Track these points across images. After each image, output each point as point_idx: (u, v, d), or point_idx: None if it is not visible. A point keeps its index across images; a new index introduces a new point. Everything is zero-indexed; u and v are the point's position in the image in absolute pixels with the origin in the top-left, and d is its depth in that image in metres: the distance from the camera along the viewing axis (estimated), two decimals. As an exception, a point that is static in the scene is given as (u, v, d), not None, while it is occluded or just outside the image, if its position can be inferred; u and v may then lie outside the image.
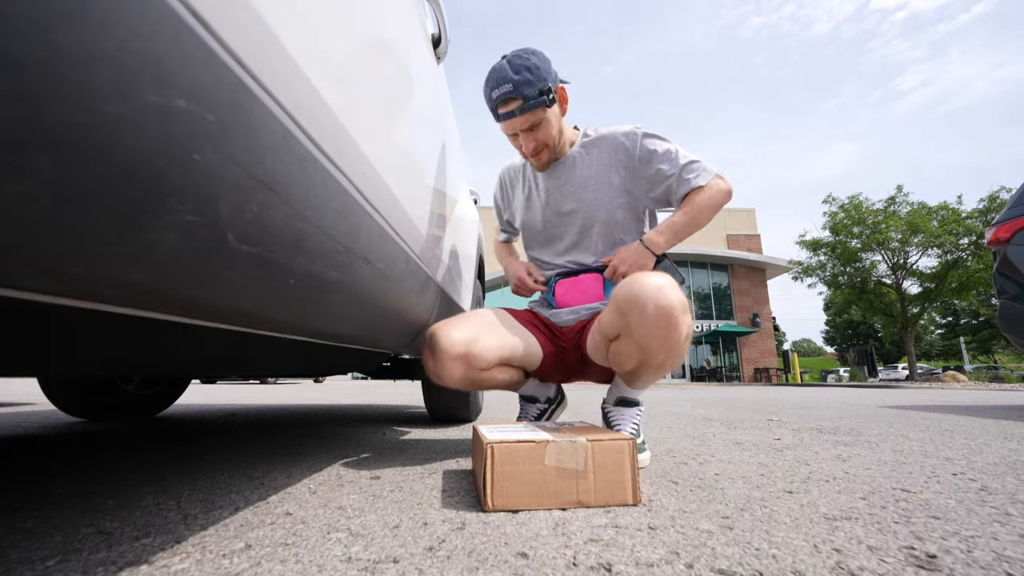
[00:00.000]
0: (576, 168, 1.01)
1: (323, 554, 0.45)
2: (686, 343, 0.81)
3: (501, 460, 0.60)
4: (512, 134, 0.95)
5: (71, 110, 0.20)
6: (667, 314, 0.75)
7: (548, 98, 0.88)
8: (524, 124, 0.91)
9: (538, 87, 0.87)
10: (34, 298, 0.28)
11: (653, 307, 0.75)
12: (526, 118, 0.89)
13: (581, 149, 1.02)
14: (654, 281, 0.77)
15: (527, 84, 0.86)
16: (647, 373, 0.86)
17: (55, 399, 1.56)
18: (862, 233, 14.16)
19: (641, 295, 0.76)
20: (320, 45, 0.38)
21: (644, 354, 0.81)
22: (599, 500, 0.62)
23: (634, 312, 0.77)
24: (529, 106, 0.87)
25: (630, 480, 0.63)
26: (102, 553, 0.45)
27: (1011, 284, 2.17)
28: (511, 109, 0.88)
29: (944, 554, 0.46)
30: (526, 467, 0.61)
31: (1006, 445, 1.20)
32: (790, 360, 16.19)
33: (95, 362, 0.55)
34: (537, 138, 0.93)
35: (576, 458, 0.62)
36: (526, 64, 0.86)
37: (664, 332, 0.77)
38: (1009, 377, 12.57)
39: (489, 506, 0.59)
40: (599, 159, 1.00)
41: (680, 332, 0.78)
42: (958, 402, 3.19)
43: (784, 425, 1.66)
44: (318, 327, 0.54)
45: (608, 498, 0.62)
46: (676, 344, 0.79)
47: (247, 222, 0.32)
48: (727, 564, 0.43)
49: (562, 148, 1.01)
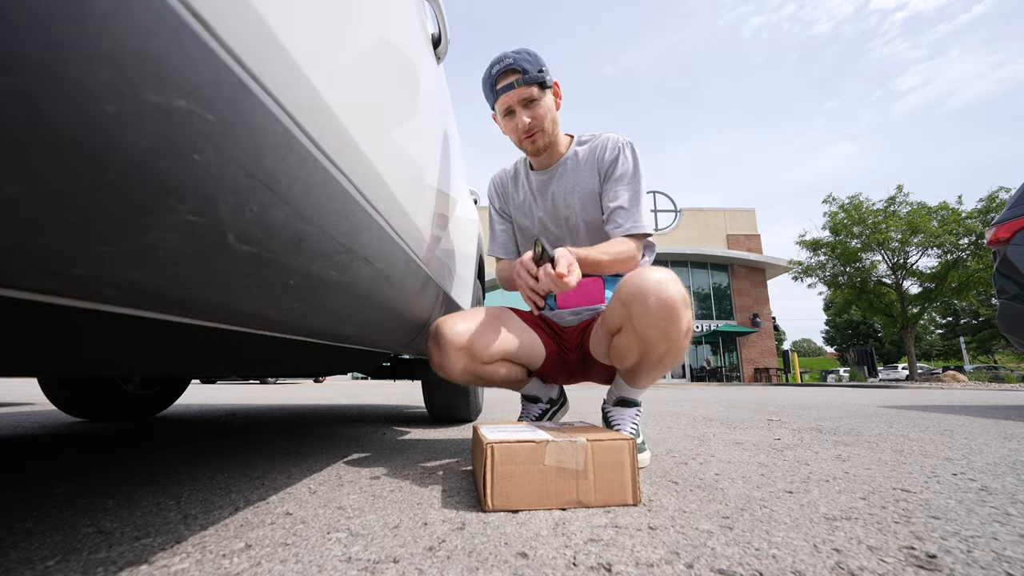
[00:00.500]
0: (567, 174, 1.03)
1: (323, 554, 0.45)
2: (686, 339, 0.83)
3: (501, 460, 0.60)
4: (508, 112, 0.96)
5: (71, 110, 0.20)
6: (668, 306, 0.77)
7: (546, 79, 0.93)
8: (520, 96, 0.93)
9: (536, 66, 0.92)
10: (34, 298, 0.28)
11: (655, 299, 0.77)
12: (523, 90, 0.92)
13: (574, 153, 1.02)
14: (657, 275, 0.80)
15: (526, 60, 0.92)
16: (647, 368, 0.87)
17: (55, 399, 1.56)
18: (862, 233, 14.16)
19: (644, 287, 0.79)
20: (320, 45, 0.38)
21: (645, 347, 0.82)
22: (599, 500, 0.62)
23: (636, 303, 0.79)
24: (528, 79, 0.91)
25: (630, 480, 0.63)
26: (102, 553, 0.45)
27: (1011, 284, 2.17)
28: (510, 81, 0.92)
29: (944, 554, 0.46)
30: (526, 467, 0.60)
31: (1006, 445, 1.20)
32: (790, 360, 16.19)
33: (95, 362, 0.55)
34: (534, 115, 0.94)
35: (576, 458, 0.62)
36: (525, 50, 0.94)
37: (665, 324, 0.78)
38: (1009, 377, 12.57)
39: (489, 506, 0.59)
40: (586, 163, 1.01)
41: (680, 325, 0.79)
42: (958, 402, 3.19)
43: (784, 425, 1.66)
44: (318, 327, 0.54)
45: (608, 498, 0.62)
46: (676, 337, 0.80)
47: (247, 222, 0.32)
48: (727, 564, 0.43)
49: (556, 145, 1.01)
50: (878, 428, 1.57)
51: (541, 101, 0.94)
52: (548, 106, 0.96)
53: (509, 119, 0.97)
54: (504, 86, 0.93)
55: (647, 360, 0.85)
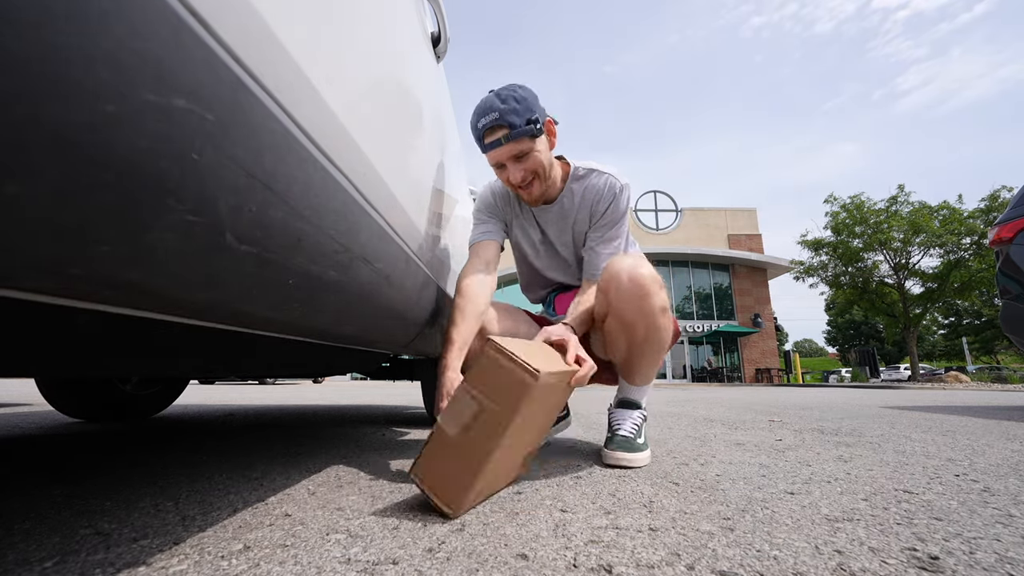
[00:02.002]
0: (563, 214, 1.02)
1: (322, 555, 0.45)
2: (664, 317, 0.87)
3: (431, 477, 0.58)
4: (498, 165, 0.92)
5: (71, 110, 0.20)
6: (639, 283, 0.84)
7: (535, 128, 0.86)
8: (510, 153, 0.88)
9: (525, 116, 0.85)
10: (34, 298, 0.28)
11: (627, 277, 0.84)
12: (512, 147, 0.87)
13: (570, 192, 1.00)
14: (628, 259, 0.87)
15: (513, 112, 0.85)
16: (636, 354, 0.92)
17: (53, 400, 1.56)
18: (864, 233, 14.15)
19: (615, 269, 0.86)
20: (320, 44, 0.38)
21: (625, 326, 0.88)
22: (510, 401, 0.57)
23: (611, 286, 0.86)
24: (515, 134, 0.85)
25: (516, 367, 0.57)
26: (100, 555, 0.45)
27: (1014, 284, 2.16)
28: (497, 137, 0.86)
29: (946, 556, 0.46)
30: (453, 460, 0.58)
31: (1009, 446, 1.19)
32: (791, 360, 16.16)
33: (93, 362, 0.55)
34: (526, 167, 0.90)
35: (465, 408, 0.58)
36: (513, 95, 0.86)
37: (639, 300, 0.84)
38: (1012, 378, 12.54)
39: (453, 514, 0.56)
40: (580, 207, 1.01)
41: (653, 301, 0.85)
42: (960, 403, 3.18)
43: (786, 426, 1.65)
44: (317, 327, 0.54)
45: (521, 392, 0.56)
46: (651, 312, 0.85)
47: (246, 222, 0.32)
48: (728, 566, 0.43)
49: (552, 183, 0.97)
50: (880, 429, 1.57)
51: (532, 152, 0.89)
52: (541, 154, 0.90)
53: (500, 171, 0.93)
54: (492, 142, 0.87)
55: (633, 344, 0.90)
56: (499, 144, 0.87)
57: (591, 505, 0.63)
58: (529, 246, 1.09)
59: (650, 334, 0.88)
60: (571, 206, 1.00)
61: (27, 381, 5.72)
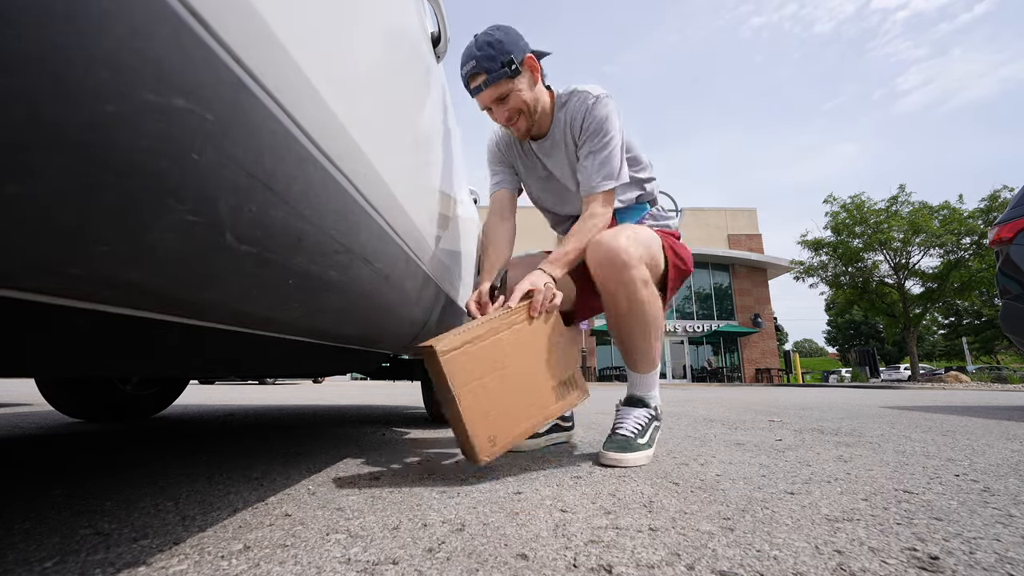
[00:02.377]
0: (557, 146, 1.04)
1: (322, 555, 0.45)
2: (646, 289, 0.91)
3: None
4: (487, 108, 0.98)
5: (71, 110, 0.20)
6: (614, 253, 0.88)
7: (510, 69, 0.91)
8: (491, 96, 0.94)
9: (500, 60, 0.90)
10: (34, 298, 0.28)
11: (605, 248, 0.89)
12: (492, 91, 0.93)
13: (559, 121, 1.03)
14: (611, 232, 0.91)
15: (489, 59, 0.90)
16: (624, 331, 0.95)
17: (52, 400, 1.56)
18: (864, 233, 14.14)
19: (598, 242, 0.90)
20: (320, 44, 0.38)
21: (608, 298, 0.92)
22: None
23: (592, 257, 0.91)
24: (492, 79, 0.91)
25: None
26: (100, 554, 0.45)
27: (1014, 284, 2.16)
28: (478, 83, 0.92)
29: (946, 556, 0.46)
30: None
31: (1009, 446, 1.19)
32: (791, 360, 16.16)
33: (93, 362, 0.55)
34: (509, 108, 0.95)
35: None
36: (489, 40, 0.91)
37: (613, 271, 0.88)
38: (1012, 378, 12.54)
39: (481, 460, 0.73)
40: (565, 134, 1.02)
41: (631, 272, 0.88)
42: (960, 403, 3.18)
43: (785, 426, 1.65)
44: (317, 327, 0.54)
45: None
46: (631, 283, 0.89)
47: (246, 222, 0.32)
48: (728, 566, 0.43)
49: (543, 116, 1.01)
50: (880, 429, 1.57)
51: (513, 92, 0.94)
52: (523, 92, 0.95)
53: (490, 113, 1.00)
54: (474, 88, 0.93)
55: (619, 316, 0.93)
56: (480, 89, 0.93)
57: (591, 505, 0.63)
58: (536, 183, 1.13)
59: (633, 306, 0.91)
60: (560, 135, 1.03)
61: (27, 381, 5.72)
